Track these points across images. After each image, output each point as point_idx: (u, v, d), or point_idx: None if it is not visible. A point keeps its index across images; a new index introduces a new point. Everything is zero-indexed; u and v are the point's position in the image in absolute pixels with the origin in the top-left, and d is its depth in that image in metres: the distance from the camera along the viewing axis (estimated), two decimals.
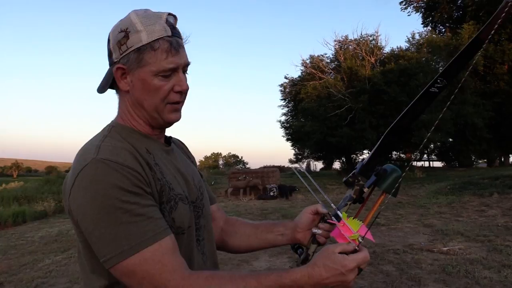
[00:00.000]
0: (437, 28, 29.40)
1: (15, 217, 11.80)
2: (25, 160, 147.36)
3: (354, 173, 1.09)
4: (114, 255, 0.80)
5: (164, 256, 0.82)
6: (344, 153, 26.90)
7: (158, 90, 0.94)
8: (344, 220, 1.00)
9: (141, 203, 0.83)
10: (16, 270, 5.83)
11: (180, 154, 1.13)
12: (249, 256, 5.74)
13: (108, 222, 0.80)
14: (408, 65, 21.27)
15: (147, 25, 0.91)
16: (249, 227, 1.24)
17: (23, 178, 47.52)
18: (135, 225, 0.81)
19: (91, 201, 0.81)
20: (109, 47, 0.96)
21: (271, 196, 14.44)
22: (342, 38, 26.83)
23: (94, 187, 0.81)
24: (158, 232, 0.83)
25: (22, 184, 26.27)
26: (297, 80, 29.04)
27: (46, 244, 7.73)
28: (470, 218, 8.16)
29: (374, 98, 21.84)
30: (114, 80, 0.97)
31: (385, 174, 1.06)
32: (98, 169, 0.83)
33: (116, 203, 0.80)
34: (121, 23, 0.94)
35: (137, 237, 0.81)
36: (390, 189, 1.05)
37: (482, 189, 11.57)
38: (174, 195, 0.94)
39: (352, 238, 0.95)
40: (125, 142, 0.92)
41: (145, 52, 0.91)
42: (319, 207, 1.12)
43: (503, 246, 5.64)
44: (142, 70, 0.92)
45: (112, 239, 0.80)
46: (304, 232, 1.14)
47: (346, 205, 1.09)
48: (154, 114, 0.97)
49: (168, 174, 0.96)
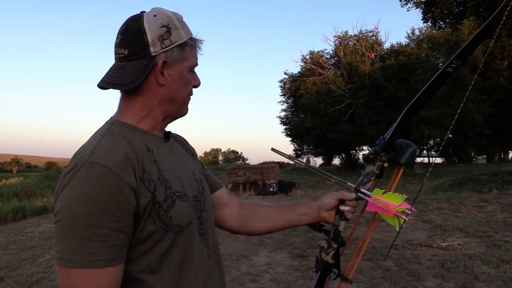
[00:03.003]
0: (437, 24, 29.35)
1: (15, 212, 11.83)
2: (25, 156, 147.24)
3: (375, 150, 1.14)
4: (57, 256, 0.82)
5: (102, 283, 0.82)
6: (343, 149, 26.91)
7: (189, 84, 1.03)
8: (378, 197, 1.09)
9: (107, 225, 0.82)
10: (16, 265, 5.84)
11: (179, 148, 1.13)
12: (249, 252, 5.75)
13: (67, 227, 0.81)
14: (408, 61, 21.27)
15: (182, 24, 0.99)
16: (269, 208, 1.27)
17: (23, 173, 47.56)
18: (88, 242, 0.80)
19: (66, 203, 0.83)
20: (145, 40, 0.94)
21: (270, 191, 14.46)
22: (342, 34, 26.77)
23: (74, 191, 0.83)
24: (105, 259, 0.82)
25: (22, 179, 26.33)
26: (296, 76, 29.00)
27: (46, 240, 7.74)
28: (469, 214, 8.17)
29: (374, 94, 21.84)
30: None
31: (402, 149, 1.13)
32: (84, 175, 0.83)
33: (84, 215, 0.81)
34: (159, 18, 0.96)
35: (83, 254, 0.80)
36: (409, 162, 1.13)
37: (481, 185, 11.58)
38: (172, 193, 0.93)
39: (399, 211, 1.03)
40: (123, 141, 0.91)
41: (185, 48, 0.99)
42: (346, 194, 1.15)
43: (502, 241, 5.65)
44: (181, 64, 0.99)
45: (62, 242, 0.81)
46: (329, 212, 1.18)
47: (370, 181, 1.14)
48: (179, 107, 1.04)
49: (166, 171, 0.96)
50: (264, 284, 4.47)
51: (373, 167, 1.14)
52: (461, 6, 26.75)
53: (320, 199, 1.20)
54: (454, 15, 27.72)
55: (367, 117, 22.04)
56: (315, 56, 27.32)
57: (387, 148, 1.13)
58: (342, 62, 24.65)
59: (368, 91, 22.03)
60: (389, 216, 1.08)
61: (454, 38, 23.14)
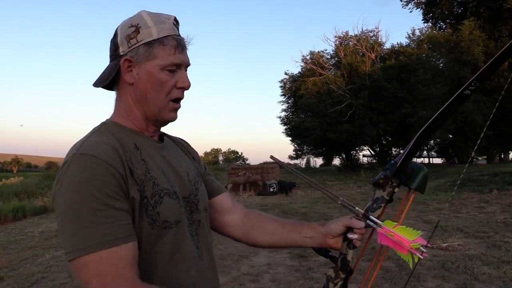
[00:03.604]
0: (438, 24, 29.31)
1: (15, 212, 11.82)
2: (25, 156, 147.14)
3: (386, 175, 1.08)
4: (72, 250, 0.81)
5: (121, 261, 0.82)
6: (344, 149, 26.92)
7: (163, 84, 0.98)
8: (390, 228, 1.02)
9: (111, 205, 0.84)
10: (16, 265, 5.84)
11: (176, 150, 1.14)
12: (249, 252, 5.75)
13: (74, 218, 0.82)
14: (408, 61, 21.26)
15: (157, 23, 0.97)
16: (274, 224, 1.22)
17: (23, 173, 47.53)
18: (99, 225, 0.82)
19: (65, 197, 0.83)
20: (116, 41, 0.99)
21: (271, 192, 14.45)
22: (342, 34, 26.78)
23: (70, 184, 0.84)
24: (120, 237, 0.83)
25: (22, 179, 26.34)
26: (297, 76, 29.01)
27: (46, 239, 7.74)
28: (469, 215, 8.17)
29: (374, 94, 21.84)
30: (115, 75, 1.00)
31: (413, 172, 1.07)
32: (76, 167, 0.85)
33: (86, 202, 0.82)
34: (131, 19, 0.99)
35: (98, 238, 0.81)
36: (421, 187, 1.07)
37: (482, 185, 11.58)
38: (159, 190, 0.94)
39: (414, 247, 0.95)
40: (112, 138, 0.94)
41: (154, 46, 0.96)
42: (354, 222, 1.08)
43: (502, 242, 5.65)
44: (150, 63, 0.96)
45: (73, 234, 0.81)
46: (336, 239, 1.13)
47: (380, 208, 1.08)
48: (155, 109, 1.00)
49: (155, 169, 0.97)
50: (264, 284, 4.47)
51: (383, 193, 1.08)
52: (462, 7, 26.73)
53: (327, 224, 1.14)
54: (454, 16, 27.69)
55: (367, 117, 22.03)
56: (316, 56, 27.32)
57: (399, 173, 1.07)
58: (342, 63, 24.65)
59: (368, 92, 22.02)
60: (402, 252, 1.02)
61: (455, 38, 23.12)
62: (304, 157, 36.32)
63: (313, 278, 4.59)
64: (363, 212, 1.08)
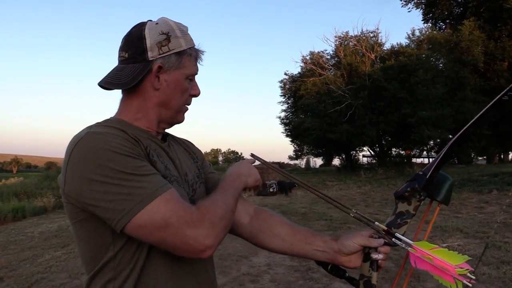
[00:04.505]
0: (438, 25, 29.32)
1: (14, 212, 11.84)
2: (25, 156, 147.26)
3: (414, 188, 0.97)
4: (127, 212, 0.83)
5: (179, 197, 0.89)
6: (343, 150, 26.93)
7: (185, 92, 1.06)
8: (427, 251, 0.91)
9: (141, 165, 0.89)
10: (16, 265, 5.84)
11: (178, 150, 1.16)
12: (249, 252, 5.75)
13: (117, 183, 0.84)
14: (408, 62, 21.26)
15: (183, 33, 1.04)
16: (285, 229, 1.17)
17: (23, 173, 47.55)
18: (141, 182, 0.86)
19: (95, 168, 0.85)
20: (144, 45, 1.00)
21: (270, 192, 14.45)
22: (342, 35, 26.80)
23: (95, 155, 0.86)
24: (164, 184, 0.88)
25: (22, 179, 26.34)
26: (297, 77, 29.02)
27: (46, 240, 7.74)
28: (469, 215, 8.17)
29: (374, 94, 21.84)
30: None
31: (439, 183, 0.99)
32: (95, 140, 0.88)
33: (119, 167, 0.85)
34: (160, 26, 1.01)
35: (153, 186, 0.86)
36: (446, 199, 0.98)
37: (482, 186, 11.59)
38: (170, 174, 1.00)
39: (460, 273, 0.85)
40: (118, 129, 0.95)
41: (184, 56, 1.02)
42: (374, 242, 1.01)
43: (502, 242, 5.65)
44: (178, 71, 1.02)
45: (123, 198, 0.84)
46: (350, 257, 1.07)
47: (406, 224, 0.98)
48: (174, 113, 1.07)
49: (164, 158, 1.03)
50: (264, 285, 4.47)
51: (409, 207, 0.98)
52: (462, 7, 26.74)
53: (341, 240, 1.07)
54: (454, 16, 27.70)
55: (367, 117, 22.03)
56: (315, 56, 27.33)
57: (427, 186, 0.97)
58: (342, 63, 24.66)
59: (368, 92, 22.02)
60: (446, 279, 0.90)
61: (455, 39, 23.11)
62: (304, 158, 36.32)
63: (313, 278, 4.59)
64: (386, 229, 0.98)
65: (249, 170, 1.16)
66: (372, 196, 12.50)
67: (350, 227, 7.36)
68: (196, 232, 0.85)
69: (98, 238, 0.92)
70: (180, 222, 0.84)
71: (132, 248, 0.91)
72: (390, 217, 1.00)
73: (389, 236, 0.96)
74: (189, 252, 0.87)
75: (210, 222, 0.88)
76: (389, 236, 0.96)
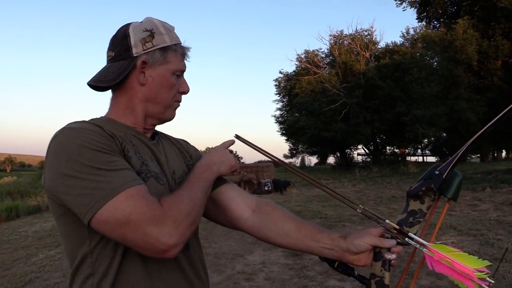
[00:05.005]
0: (432, 23, 29.46)
1: (8, 212, 11.76)
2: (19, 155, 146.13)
3: (429, 187, 0.94)
4: (91, 207, 0.83)
5: (146, 192, 0.87)
6: (338, 148, 27.01)
7: (172, 88, 1.06)
8: (444, 253, 0.89)
9: (111, 160, 0.88)
10: (10, 265, 5.81)
11: (168, 149, 1.15)
12: (244, 250, 5.76)
13: (84, 177, 0.84)
14: (403, 60, 21.34)
15: (168, 31, 1.05)
16: (289, 224, 1.11)
17: (17, 173, 47.27)
18: (108, 177, 0.85)
19: (66, 163, 0.85)
20: (128, 42, 1.02)
21: (265, 190, 14.47)
22: (337, 33, 26.85)
23: (67, 150, 0.87)
24: (132, 180, 0.87)
25: (16, 178, 26.20)
26: (291, 75, 29.07)
27: (40, 239, 7.70)
28: (462, 213, 8.22)
29: (369, 93, 21.91)
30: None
31: (449, 180, 0.96)
32: (68, 135, 0.90)
33: (89, 161, 0.85)
34: (144, 24, 1.04)
35: (111, 185, 0.84)
36: (456, 195, 0.95)
37: (475, 183, 11.66)
38: (148, 170, 0.98)
39: (480, 277, 0.82)
40: (94, 125, 0.96)
41: (168, 52, 1.04)
42: (386, 242, 0.97)
43: (495, 240, 5.69)
44: (164, 67, 1.04)
45: (89, 193, 0.83)
46: (359, 256, 1.02)
47: (419, 223, 0.94)
48: (162, 109, 1.07)
49: (145, 154, 1.02)
50: (258, 283, 4.47)
51: (421, 205, 0.95)
52: (456, 6, 26.87)
53: (350, 239, 1.02)
54: (448, 15, 27.84)
55: (361, 116, 22.10)
56: (310, 55, 27.38)
57: (443, 186, 0.93)
58: (337, 61, 24.71)
59: (362, 90, 22.09)
60: (464, 283, 0.87)
61: (449, 37, 23.23)
62: (299, 156, 36.37)
63: (308, 276, 4.60)
64: (398, 227, 0.94)
65: (221, 157, 1.11)
66: (366, 194, 12.54)
67: (344, 225, 7.38)
68: (158, 230, 0.82)
69: (75, 233, 0.92)
70: (141, 219, 0.82)
71: (109, 243, 0.90)
72: (400, 214, 0.97)
73: (401, 236, 0.93)
74: (151, 251, 0.84)
75: (174, 220, 0.85)
76: (401, 235, 0.93)
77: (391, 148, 27.59)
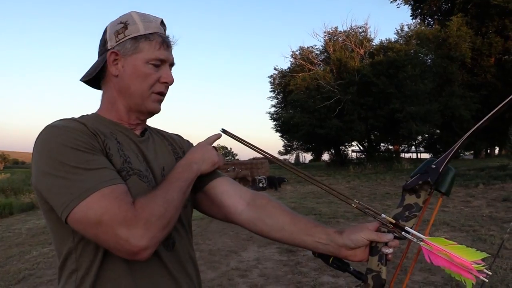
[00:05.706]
0: (426, 20, 29.52)
1: (1, 209, 11.67)
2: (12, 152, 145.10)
3: (426, 181, 0.93)
4: (67, 205, 0.83)
5: (122, 193, 0.86)
6: (333, 145, 27.04)
7: (147, 77, 1.02)
8: (442, 247, 0.88)
9: (90, 159, 0.87)
10: (3, 262, 5.78)
11: (159, 145, 1.13)
12: (238, 247, 5.77)
13: (62, 175, 0.84)
14: (397, 57, 21.37)
15: (145, 21, 1.03)
16: (284, 218, 1.07)
17: (10, 169, 46.89)
18: (85, 176, 0.85)
19: (46, 161, 0.86)
20: (105, 37, 1.04)
21: (260, 187, 14.47)
22: (331, 30, 26.86)
23: (47, 148, 0.87)
24: (117, 177, 0.89)
25: (9, 176, 25.97)
26: (286, 72, 29.02)
27: (33, 236, 7.67)
28: (456, 209, 8.28)
29: (363, 90, 21.95)
30: (102, 70, 1.04)
31: (443, 174, 0.95)
32: (50, 133, 0.90)
33: (67, 160, 0.85)
34: (121, 17, 1.05)
35: (86, 185, 0.84)
36: (449, 190, 0.95)
37: (468, 180, 11.74)
38: (130, 168, 0.96)
39: (477, 269, 0.82)
40: (78, 123, 0.95)
41: (140, 41, 1.01)
42: (383, 237, 0.95)
43: (488, 235, 5.75)
44: (135, 56, 1.01)
45: (65, 192, 0.84)
46: (355, 251, 0.99)
47: (415, 217, 0.94)
48: (138, 100, 1.03)
49: (129, 151, 1.01)
50: (253, 279, 4.49)
51: (417, 199, 0.94)
52: (450, 3, 26.96)
53: (347, 234, 0.98)
54: (442, 12, 27.94)
55: (356, 113, 22.15)
56: (305, 52, 27.34)
57: (439, 179, 0.93)
58: (331, 58, 24.73)
59: (357, 87, 22.13)
60: (462, 275, 0.87)
61: (443, 34, 23.30)
62: (293, 153, 36.42)
63: (302, 272, 4.62)
64: (394, 221, 0.93)
65: (203, 154, 1.07)
66: (361, 191, 12.59)
67: (339, 221, 7.41)
68: (129, 232, 0.81)
69: (60, 229, 0.92)
70: (112, 220, 0.81)
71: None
72: (396, 209, 0.96)
73: (398, 230, 0.93)
74: (122, 253, 0.84)
75: (145, 222, 0.83)
76: (398, 229, 0.93)
77: (385, 145, 27.70)
